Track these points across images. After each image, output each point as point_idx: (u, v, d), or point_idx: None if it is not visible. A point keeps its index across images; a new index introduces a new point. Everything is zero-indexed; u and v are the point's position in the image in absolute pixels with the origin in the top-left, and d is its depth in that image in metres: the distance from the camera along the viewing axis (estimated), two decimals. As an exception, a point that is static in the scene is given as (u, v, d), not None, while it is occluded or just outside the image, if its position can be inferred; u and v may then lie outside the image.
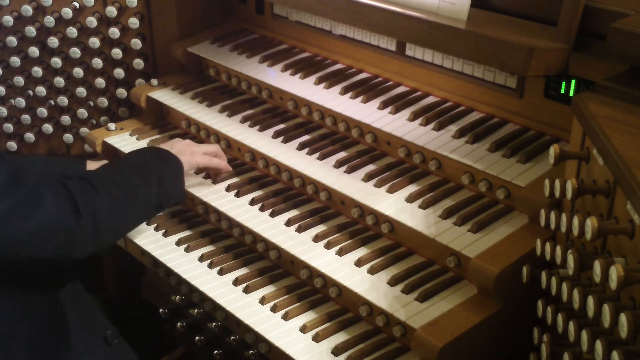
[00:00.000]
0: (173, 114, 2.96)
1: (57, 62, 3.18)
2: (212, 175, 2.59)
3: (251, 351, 2.28)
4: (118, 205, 2.06)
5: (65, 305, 2.05)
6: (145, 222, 2.51)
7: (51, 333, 2.00)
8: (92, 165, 2.56)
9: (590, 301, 1.45)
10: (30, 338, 1.96)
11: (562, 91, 2.19)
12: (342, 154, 2.47)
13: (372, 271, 2.13)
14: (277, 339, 2.08)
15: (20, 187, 1.81)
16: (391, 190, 2.26)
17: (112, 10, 3.06)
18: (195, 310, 2.46)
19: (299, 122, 2.68)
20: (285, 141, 2.57)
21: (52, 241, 1.89)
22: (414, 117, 2.43)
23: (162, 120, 3.02)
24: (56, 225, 1.88)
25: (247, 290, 2.26)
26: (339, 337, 2.09)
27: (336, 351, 2.03)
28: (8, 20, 3.13)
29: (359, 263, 2.16)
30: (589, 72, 2.07)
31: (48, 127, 3.31)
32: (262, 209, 2.42)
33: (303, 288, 2.27)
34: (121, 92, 3.18)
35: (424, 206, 2.18)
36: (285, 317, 2.15)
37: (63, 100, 3.25)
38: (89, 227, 1.94)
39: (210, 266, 2.37)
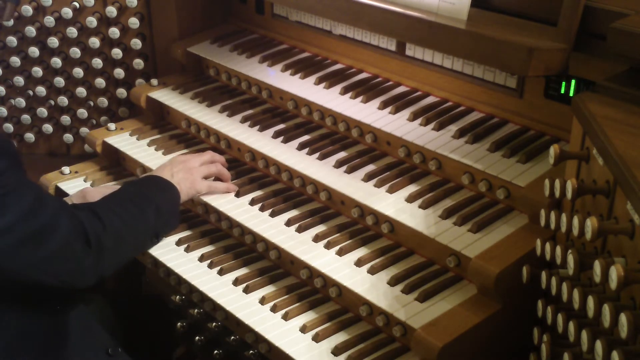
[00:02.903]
0: (173, 114, 2.96)
1: (57, 62, 3.18)
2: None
3: (251, 351, 2.28)
4: (121, 238, 2.07)
5: (68, 316, 2.05)
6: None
7: (52, 345, 2.00)
8: (92, 193, 2.56)
9: (590, 301, 1.45)
10: (34, 350, 1.96)
11: (562, 91, 2.19)
12: (342, 154, 2.47)
13: (372, 271, 2.13)
14: (277, 339, 2.08)
15: (43, 212, 1.83)
16: (391, 190, 2.26)
17: (112, 10, 3.06)
18: (195, 310, 2.46)
19: (299, 122, 2.68)
20: (285, 141, 2.57)
21: (60, 268, 1.91)
22: (414, 117, 2.43)
23: (162, 120, 3.02)
24: (67, 254, 1.90)
25: (247, 290, 2.26)
26: (339, 337, 2.09)
27: (336, 351, 2.03)
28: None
29: (359, 263, 2.16)
30: (589, 72, 2.07)
31: (48, 127, 3.31)
32: (262, 209, 2.42)
33: (303, 288, 2.27)
34: (121, 92, 3.18)
35: (424, 206, 2.18)
36: (285, 317, 2.15)
37: (63, 100, 3.25)
38: (95, 259, 1.96)
39: (210, 266, 2.37)
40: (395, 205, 2.21)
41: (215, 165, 2.53)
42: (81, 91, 3.21)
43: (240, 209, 2.44)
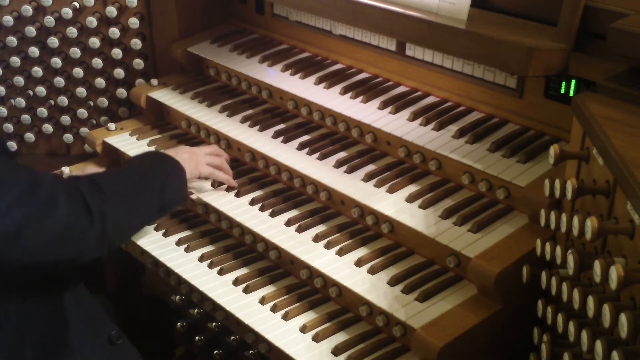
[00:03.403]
0: (173, 114, 2.96)
1: (57, 62, 3.18)
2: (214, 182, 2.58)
3: (251, 351, 2.28)
4: (124, 207, 2.07)
5: (68, 308, 2.05)
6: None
7: (54, 335, 2.01)
8: (91, 168, 2.57)
9: (590, 301, 1.45)
10: (37, 340, 1.97)
11: (562, 91, 2.19)
12: (342, 154, 2.47)
13: (372, 271, 2.13)
14: (277, 339, 2.08)
15: (38, 193, 1.82)
16: (391, 190, 2.26)
17: (112, 10, 3.06)
18: (195, 310, 2.46)
19: (299, 122, 2.68)
20: (285, 141, 2.57)
21: (69, 243, 1.91)
22: (414, 117, 2.43)
23: (162, 120, 3.02)
24: (71, 227, 1.89)
25: (247, 290, 2.26)
26: (339, 337, 2.09)
27: (336, 351, 2.03)
28: (8, 20, 3.13)
29: (359, 263, 2.16)
30: (589, 72, 2.07)
31: (48, 127, 3.31)
32: (262, 209, 2.42)
33: (303, 288, 2.27)
34: (121, 92, 3.18)
35: (424, 206, 2.18)
36: (285, 317, 2.15)
37: (63, 100, 3.25)
38: (100, 227, 1.95)
39: (210, 266, 2.37)
40: (395, 205, 2.21)
41: (220, 158, 2.55)
42: (81, 91, 3.21)
43: (240, 209, 2.44)
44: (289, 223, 2.35)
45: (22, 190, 1.78)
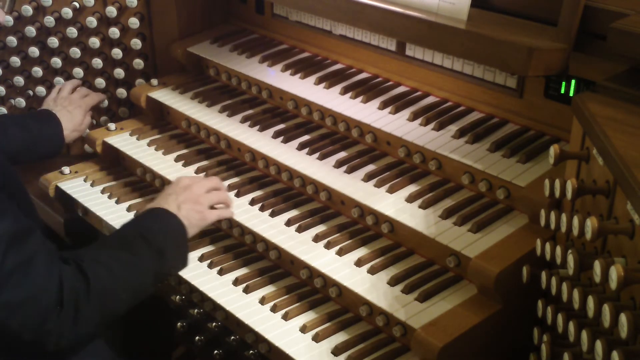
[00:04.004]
0: (173, 114, 2.96)
1: (57, 62, 3.18)
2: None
3: (251, 351, 2.28)
4: (108, 293, 1.94)
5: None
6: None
7: None
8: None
9: (590, 301, 1.45)
10: None
11: (562, 91, 2.19)
12: (342, 154, 2.47)
13: (372, 271, 2.13)
14: (277, 339, 2.08)
15: (19, 252, 1.73)
16: (391, 190, 2.27)
17: (112, 10, 3.06)
18: (195, 310, 2.45)
19: (299, 122, 2.68)
20: (285, 141, 2.57)
21: (27, 318, 1.78)
22: (414, 117, 2.43)
23: (162, 120, 3.02)
24: (37, 304, 1.77)
25: (247, 290, 2.26)
26: (339, 337, 2.09)
27: (336, 351, 2.03)
28: (8, 20, 3.13)
29: (359, 263, 2.16)
30: (589, 72, 2.07)
31: (48, 127, 3.30)
32: (262, 209, 2.42)
33: (303, 288, 2.27)
34: (121, 92, 3.18)
35: (424, 206, 2.18)
36: (285, 317, 2.15)
37: (63, 100, 3.25)
38: (69, 320, 1.83)
39: (210, 266, 2.37)
40: (395, 205, 2.21)
41: (222, 193, 2.41)
42: (81, 91, 3.21)
43: (240, 209, 2.44)
44: (289, 223, 2.35)
45: (6, 239, 1.71)
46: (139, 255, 2.05)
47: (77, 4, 3.10)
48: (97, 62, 3.15)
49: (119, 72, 3.14)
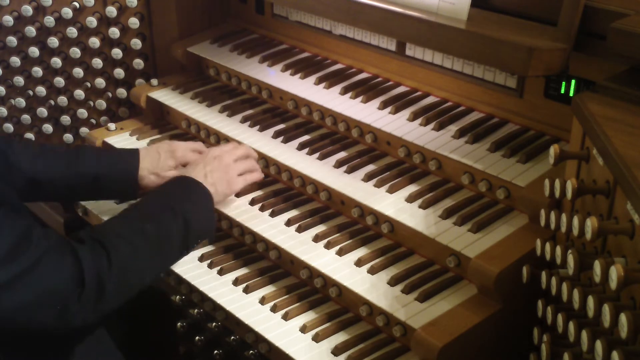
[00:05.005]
0: (173, 114, 2.96)
1: (57, 62, 3.18)
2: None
3: (251, 351, 2.28)
4: (132, 269, 1.94)
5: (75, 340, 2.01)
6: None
7: None
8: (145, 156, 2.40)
9: (590, 301, 1.45)
10: None
11: (562, 91, 2.19)
12: (342, 154, 2.47)
13: (372, 271, 2.13)
14: (277, 339, 2.08)
15: (25, 254, 1.73)
16: (391, 190, 2.27)
17: (112, 10, 3.06)
18: (195, 310, 2.46)
19: (299, 122, 2.68)
20: (285, 141, 2.57)
21: (47, 313, 1.80)
22: (414, 117, 2.43)
23: (162, 120, 3.03)
24: (54, 297, 1.79)
25: (247, 290, 2.26)
26: (339, 337, 2.08)
27: (336, 351, 2.03)
28: (8, 20, 3.14)
29: (359, 263, 2.16)
30: (589, 72, 2.07)
31: (48, 127, 3.31)
32: (262, 209, 2.42)
33: (303, 288, 2.27)
34: (121, 92, 3.18)
35: (424, 206, 2.18)
36: (285, 317, 2.15)
37: (63, 100, 3.25)
38: (91, 299, 1.84)
39: (210, 266, 2.37)
40: (395, 205, 2.21)
41: (251, 161, 2.46)
42: (81, 91, 3.21)
43: (240, 208, 2.44)
44: (289, 223, 2.35)
45: (5, 249, 1.70)
46: (164, 224, 2.05)
47: (77, 4, 3.10)
48: (97, 62, 3.15)
49: (119, 72, 3.14)
